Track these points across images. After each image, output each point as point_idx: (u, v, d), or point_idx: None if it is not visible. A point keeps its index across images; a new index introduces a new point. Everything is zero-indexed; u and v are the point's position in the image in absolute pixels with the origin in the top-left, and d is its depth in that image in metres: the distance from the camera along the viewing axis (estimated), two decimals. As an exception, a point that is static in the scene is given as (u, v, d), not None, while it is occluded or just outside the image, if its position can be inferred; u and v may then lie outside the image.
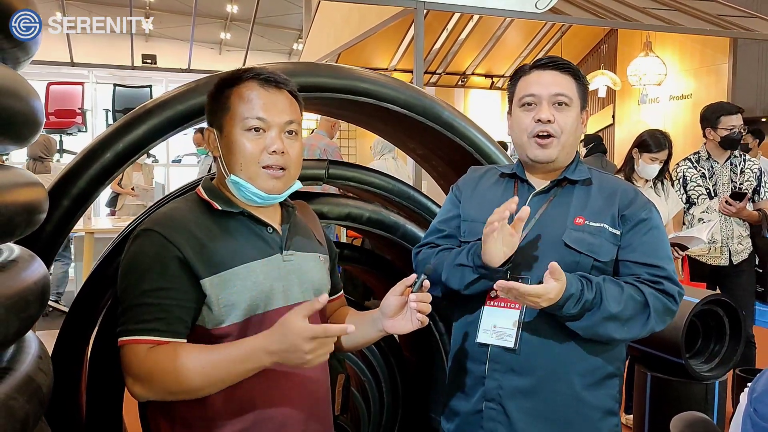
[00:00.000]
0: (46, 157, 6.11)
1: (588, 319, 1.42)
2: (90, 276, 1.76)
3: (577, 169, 1.59)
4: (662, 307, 1.47)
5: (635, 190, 1.60)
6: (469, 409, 1.57)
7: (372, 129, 2.60)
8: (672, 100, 8.08)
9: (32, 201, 1.21)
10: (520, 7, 5.32)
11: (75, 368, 1.70)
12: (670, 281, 1.49)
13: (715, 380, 2.51)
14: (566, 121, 1.54)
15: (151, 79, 10.63)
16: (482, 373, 1.53)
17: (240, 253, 1.30)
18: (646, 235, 1.52)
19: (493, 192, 1.65)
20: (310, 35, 8.45)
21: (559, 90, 1.54)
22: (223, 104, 1.33)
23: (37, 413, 1.07)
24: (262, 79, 1.33)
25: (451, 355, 1.67)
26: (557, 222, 1.52)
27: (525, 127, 1.56)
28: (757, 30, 6.61)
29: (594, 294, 1.42)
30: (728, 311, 2.54)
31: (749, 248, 3.56)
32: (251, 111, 1.30)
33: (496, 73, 9.76)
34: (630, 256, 1.52)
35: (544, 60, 1.59)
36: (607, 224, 1.52)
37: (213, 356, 1.19)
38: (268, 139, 1.31)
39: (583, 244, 1.49)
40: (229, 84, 1.34)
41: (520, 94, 1.59)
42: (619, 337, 1.47)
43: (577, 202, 1.55)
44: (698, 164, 3.60)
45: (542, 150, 1.54)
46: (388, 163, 6.34)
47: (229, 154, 1.32)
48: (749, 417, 1.15)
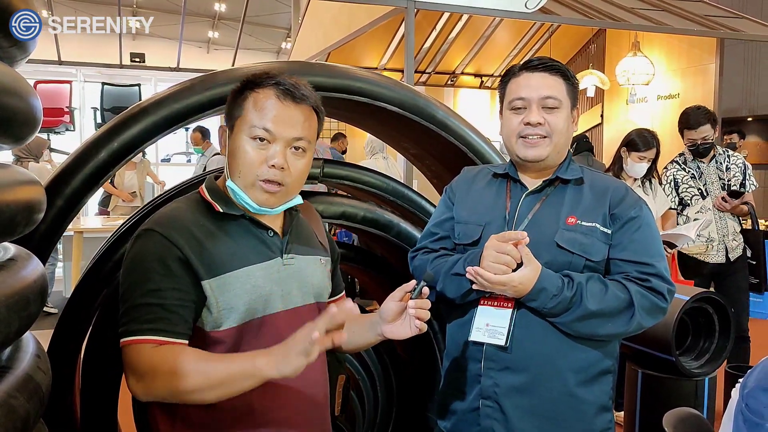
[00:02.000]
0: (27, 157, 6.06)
1: (567, 316, 1.45)
2: (84, 275, 1.75)
3: (569, 169, 1.60)
4: (649, 304, 1.48)
5: (626, 188, 1.61)
6: (465, 407, 1.58)
7: (365, 128, 2.61)
8: (660, 99, 8.14)
9: (32, 199, 1.20)
10: (510, 7, 5.34)
11: (69, 368, 1.69)
12: (659, 278, 1.50)
13: (705, 377, 2.53)
14: (556, 122, 1.55)
15: (139, 78, 10.57)
16: (478, 372, 1.54)
17: (240, 257, 1.29)
18: (636, 233, 1.53)
19: (486, 192, 1.66)
20: (300, 34, 8.44)
21: (549, 93, 1.55)
22: (239, 105, 1.31)
23: (37, 412, 1.07)
24: (281, 90, 1.30)
25: (447, 355, 1.68)
26: (549, 222, 1.53)
27: (514, 129, 1.57)
28: (743, 30, 6.67)
29: (574, 292, 1.44)
30: (717, 308, 2.57)
31: (742, 243, 3.60)
32: (261, 120, 1.28)
33: (485, 72, 9.79)
34: (620, 255, 1.53)
35: (533, 62, 1.60)
36: (599, 223, 1.53)
37: (215, 363, 1.19)
38: (270, 152, 1.28)
39: (575, 245, 1.51)
40: (250, 86, 1.32)
41: (510, 97, 1.60)
42: (603, 334, 1.49)
43: (569, 202, 1.56)
44: (686, 165, 3.63)
45: (531, 149, 1.55)
46: (379, 162, 6.35)
47: (233, 157, 1.31)
48: (741, 412, 1.17)
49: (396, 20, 6.59)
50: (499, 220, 1.58)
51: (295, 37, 8.85)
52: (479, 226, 1.60)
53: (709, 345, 2.58)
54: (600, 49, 9.05)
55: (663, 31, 6.61)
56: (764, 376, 1.18)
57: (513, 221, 1.57)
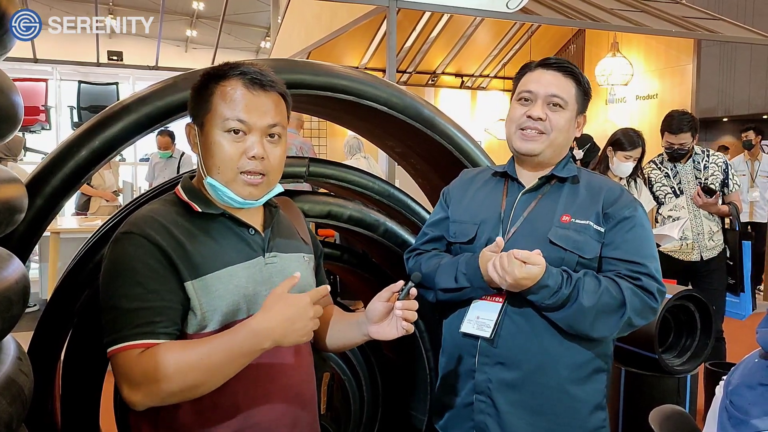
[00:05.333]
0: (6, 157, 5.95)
1: (564, 311, 1.47)
2: (64, 277, 1.71)
3: (566, 168, 1.63)
4: (640, 302, 1.49)
5: (621, 188, 1.64)
6: (459, 402, 1.60)
7: (349, 126, 2.60)
8: (638, 99, 8.23)
9: (13, 199, 1.17)
10: (491, 7, 5.36)
11: (49, 373, 1.66)
12: (650, 278, 1.52)
13: (686, 374, 2.57)
14: (558, 121, 1.58)
15: (117, 77, 10.44)
16: (472, 367, 1.56)
17: (221, 257, 1.27)
18: (628, 232, 1.55)
19: (483, 192, 1.68)
20: (280, 33, 8.40)
21: (556, 91, 1.58)
22: (205, 101, 1.28)
23: (20, 416, 1.04)
24: (248, 79, 1.27)
25: (443, 351, 1.70)
26: (544, 219, 1.55)
27: (515, 119, 1.61)
28: (720, 32, 6.76)
29: (571, 289, 1.45)
30: (699, 306, 2.60)
31: (720, 245, 3.62)
32: (232, 112, 1.25)
33: (466, 72, 9.82)
34: (612, 253, 1.55)
35: (551, 60, 1.63)
36: (592, 221, 1.55)
37: (209, 346, 1.16)
38: (248, 143, 1.26)
39: (569, 242, 1.53)
40: (214, 79, 1.29)
41: (520, 88, 1.64)
42: (596, 330, 1.49)
43: (564, 200, 1.59)
44: (662, 165, 3.68)
45: (526, 142, 1.58)
46: (360, 162, 6.35)
47: (208, 154, 1.28)
48: (725, 409, 1.18)
49: (377, 19, 6.58)
50: (494, 219, 1.60)
51: (275, 35, 8.80)
52: (474, 225, 1.62)
53: (691, 342, 2.61)
54: (579, 49, 9.13)
55: (641, 32, 6.68)
56: (748, 373, 1.19)
57: (508, 219, 1.59)
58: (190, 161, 7.14)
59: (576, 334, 1.51)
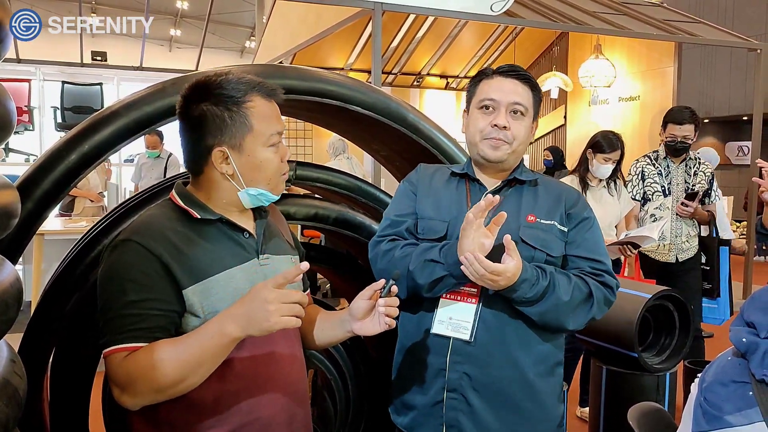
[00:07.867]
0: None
1: (542, 305, 1.51)
2: (54, 280, 1.72)
3: (523, 172, 1.70)
4: (603, 297, 1.59)
5: (578, 192, 1.74)
6: (426, 402, 1.61)
7: (336, 130, 2.62)
8: (621, 101, 8.33)
9: (8, 204, 1.19)
10: (476, 10, 5.41)
11: (38, 375, 1.67)
12: (610, 275, 1.62)
13: (666, 372, 2.62)
14: (519, 130, 1.63)
15: (101, 77, 10.36)
16: (442, 366, 1.58)
17: (219, 260, 1.30)
18: (588, 232, 1.65)
19: (446, 191, 1.70)
20: (266, 34, 8.38)
21: (518, 99, 1.62)
22: (242, 123, 1.30)
23: (15, 417, 1.06)
24: (266, 92, 1.35)
25: (400, 349, 1.71)
26: (510, 219, 1.57)
27: (481, 129, 1.64)
28: (700, 35, 6.86)
29: (548, 281, 1.51)
30: (678, 306, 2.65)
31: (695, 247, 3.69)
32: (270, 127, 1.34)
33: (450, 73, 9.87)
34: (575, 251, 1.63)
35: (506, 68, 1.66)
36: (557, 222, 1.63)
37: (184, 341, 1.20)
38: (281, 149, 1.37)
39: (537, 240, 1.59)
40: (238, 101, 1.30)
41: (480, 96, 1.66)
42: (570, 321, 1.56)
43: (526, 201, 1.65)
44: (656, 162, 3.71)
45: (494, 151, 1.62)
46: (343, 163, 6.36)
47: (255, 171, 1.33)
48: (700, 405, 1.22)
49: (362, 21, 6.60)
50: (462, 218, 1.61)
51: (260, 36, 8.79)
52: (444, 222, 1.64)
53: (670, 341, 2.67)
54: (563, 51, 9.21)
55: (624, 35, 6.77)
56: (721, 371, 1.23)
57: None
58: (177, 162, 7.08)
59: (545, 328, 1.57)
